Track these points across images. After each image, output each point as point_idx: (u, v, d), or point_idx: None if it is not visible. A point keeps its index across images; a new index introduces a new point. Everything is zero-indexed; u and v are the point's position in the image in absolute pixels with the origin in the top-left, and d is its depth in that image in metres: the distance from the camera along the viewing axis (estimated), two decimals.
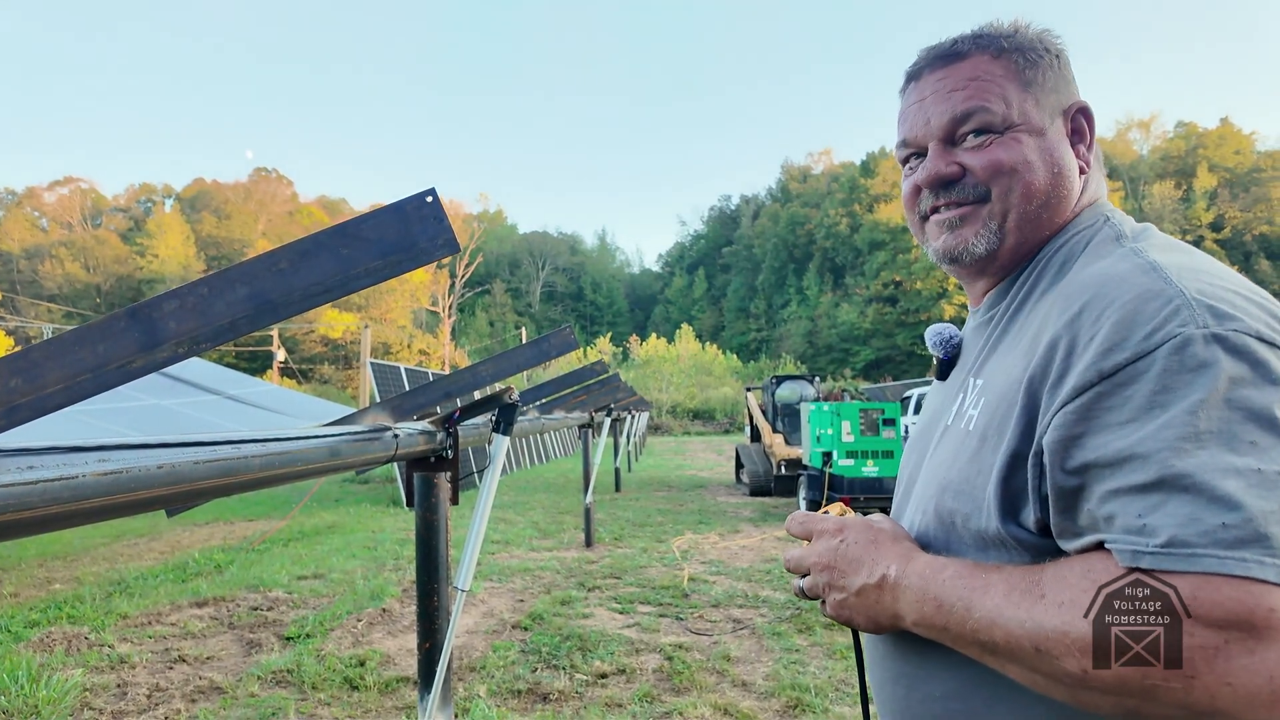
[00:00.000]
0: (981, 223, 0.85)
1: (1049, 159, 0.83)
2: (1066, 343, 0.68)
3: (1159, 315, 0.63)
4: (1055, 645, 0.60)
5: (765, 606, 5.37)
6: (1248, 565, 0.55)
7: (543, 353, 2.64)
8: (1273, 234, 56.28)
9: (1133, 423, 0.61)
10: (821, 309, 65.76)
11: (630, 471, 16.98)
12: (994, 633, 0.65)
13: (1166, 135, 66.72)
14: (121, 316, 0.80)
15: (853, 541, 0.81)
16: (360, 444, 1.75)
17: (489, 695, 3.77)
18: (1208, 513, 0.56)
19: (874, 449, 8.95)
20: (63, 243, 67.12)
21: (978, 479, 0.74)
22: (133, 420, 5.43)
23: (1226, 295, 0.65)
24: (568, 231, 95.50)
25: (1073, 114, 0.86)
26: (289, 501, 11.57)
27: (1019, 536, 0.70)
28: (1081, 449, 0.64)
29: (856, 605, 0.79)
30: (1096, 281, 0.70)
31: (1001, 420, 0.73)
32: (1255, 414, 0.59)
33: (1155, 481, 0.59)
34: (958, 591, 0.69)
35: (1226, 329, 0.61)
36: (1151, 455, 0.59)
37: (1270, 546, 0.55)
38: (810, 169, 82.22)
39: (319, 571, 6.55)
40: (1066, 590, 0.62)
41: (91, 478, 0.79)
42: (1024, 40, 0.86)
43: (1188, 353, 0.61)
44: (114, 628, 4.92)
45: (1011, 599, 0.64)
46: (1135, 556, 0.59)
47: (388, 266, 0.93)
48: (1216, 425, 0.59)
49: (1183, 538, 0.57)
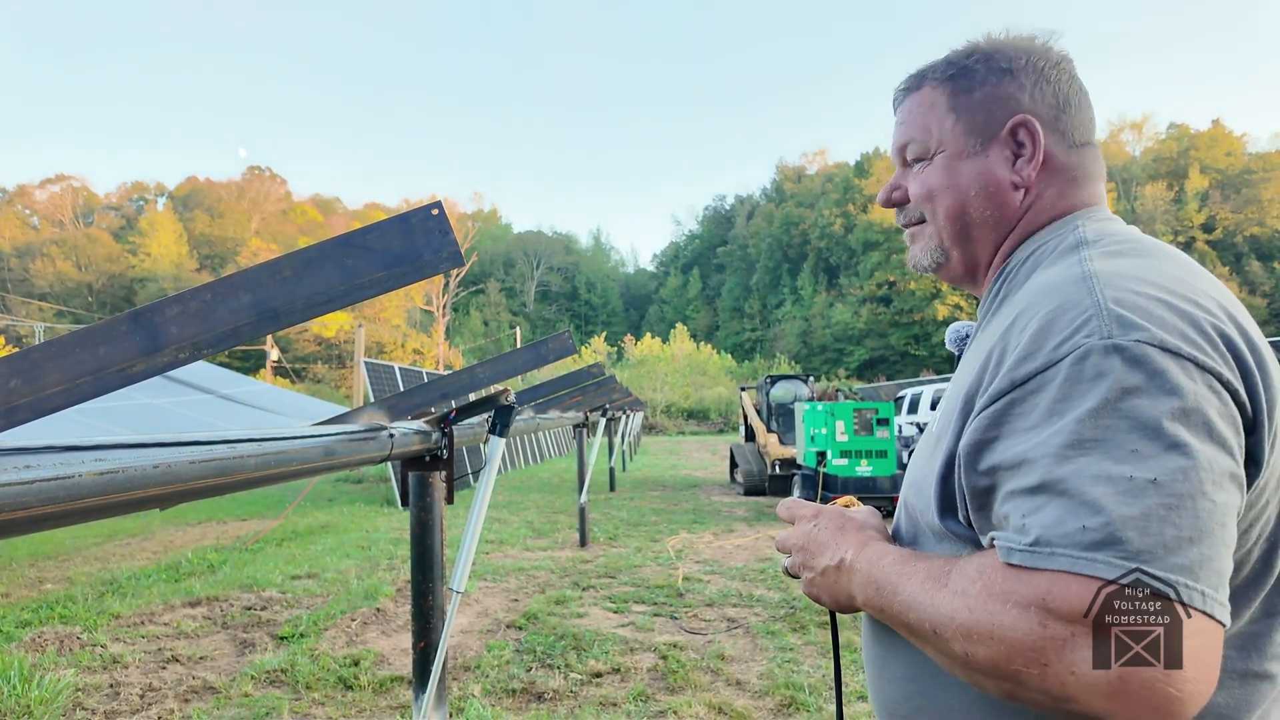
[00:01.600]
0: (925, 240, 0.93)
1: (968, 180, 0.88)
2: (999, 352, 0.72)
3: (1070, 326, 0.66)
4: (945, 628, 0.65)
5: (759, 606, 5.38)
6: (1095, 566, 0.58)
7: (540, 356, 2.64)
8: (1263, 235, 56.59)
9: (1033, 429, 0.65)
10: (816, 309, 65.88)
11: (625, 471, 16.99)
12: (909, 615, 0.70)
13: (1159, 137, 67.05)
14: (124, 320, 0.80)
15: (823, 526, 0.88)
16: (356, 443, 1.75)
17: (484, 695, 3.77)
18: (1072, 516, 0.60)
19: (868, 449, 8.97)
20: (54, 241, 66.75)
21: (929, 478, 0.79)
22: (126, 419, 5.41)
23: (1143, 304, 0.66)
24: (562, 231, 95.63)
25: (1011, 129, 0.87)
26: (282, 501, 11.53)
27: (956, 531, 0.76)
28: (991, 453, 0.68)
29: (821, 584, 0.85)
30: (1035, 292, 0.74)
31: (946, 424, 0.77)
32: (1141, 423, 0.61)
33: (1039, 485, 0.63)
34: (889, 576, 0.74)
35: (1129, 339, 0.64)
36: (1038, 460, 0.63)
37: (1124, 550, 0.58)
38: (805, 169, 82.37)
39: (313, 571, 6.54)
40: (962, 580, 0.66)
41: (88, 477, 0.79)
42: (970, 63, 0.88)
43: (1087, 363, 0.64)
44: (106, 627, 4.90)
45: (925, 586, 0.69)
46: (1009, 553, 0.63)
47: (392, 278, 0.94)
48: (1100, 433, 0.61)
49: (1047, 538, 0.61)
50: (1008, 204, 0.88)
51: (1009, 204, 0.88)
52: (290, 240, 68.62)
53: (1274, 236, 56.28)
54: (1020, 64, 0.87)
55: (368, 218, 80.00)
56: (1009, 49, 0.88)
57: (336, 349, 55.17)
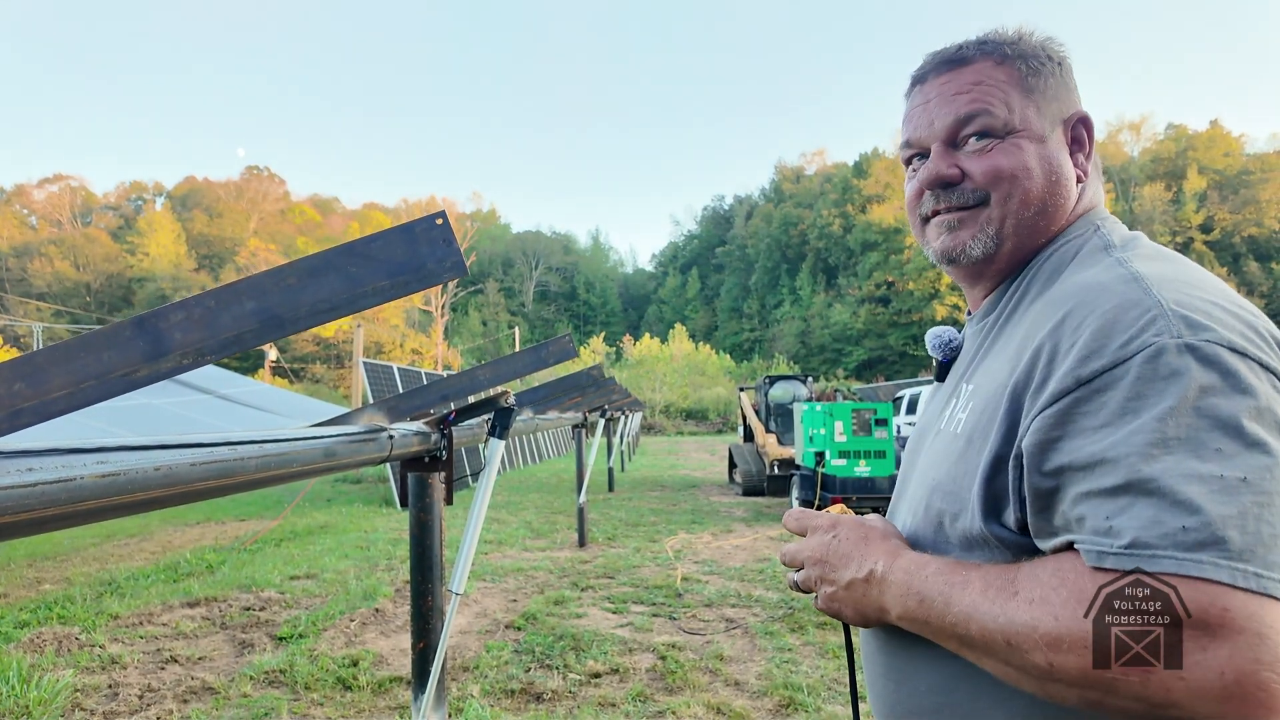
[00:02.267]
0: (979, 226, 0.86)
1: (1048, 166, 0.84)
2: (1049, 350, 0.70)
3: (1136, 324, 0.65)
4: (1024, 640, 0.63)
5: (758, 606, 5.39)
6: (1203, 567, 0.57)
7: (540, 360, 2.65)
8: (1261, 236, 56.67)
9: (1106, 428, 0.63)
10: (814, 309, 65.90)
11: (624, 471, 16.99)
12: (970, 626, 0.67)
13: (1157, 137, 67.12)
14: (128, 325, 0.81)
15: (844, 537, 0.83)
16: (356, 444, 1.75)
17: (483, 695, 3.77)
18: (1169, 516, 0.58)
19: (866, 449, 8.97)
20: (52, 240, 66.67)
21: (964, 480, 0.76)
22: (127, 419, 5.42)
23: (1203, 306, 0.66)
24: (561, 231, 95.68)
25: (1073, 123, 0.87)
26: (281, 501, 11.53)
27: (1001, 535, 0.73)
28: (1058, 452, 0.66)
29: (845, 598, 0.81)
30: (1080, 290, 0.72)
31: (987, 424, 0.75)
32: (1222, 422, 0.60)
33: (1123, 485, 0.61)
34: (938, 587, 0.71)
35: (1199, 339, 0.63)
36: (1120, 460, 0.61)
37: (1226, 549, 0.57)
38: (804, 169, 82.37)
39: (311, 571, 6.54)
40: (1038, 588, 0.64)
41: (90, 480, 0.80)
42: (1027, 48, 0.86)
43: (1161, 361, 0.63)
44: (105, 628, 4.89)
45: (987, 595, 0.67)
46: (1100, 557, 0.61)
47: (395, 287, 0.94)
48: (1184, 432, 0.60)
49: (1145, 539, 0.59)
50: (1070, 196, 0.86)
51: (1071, 196, 0.86)
52: (289, 240, 68.63)
53: (1272, 237, 56.36)
54: (1066, 62, 0.88)
55: (366, 217, 79.99)
56: (1050, 46, 0.87)
57: (335, 349, 55.12)
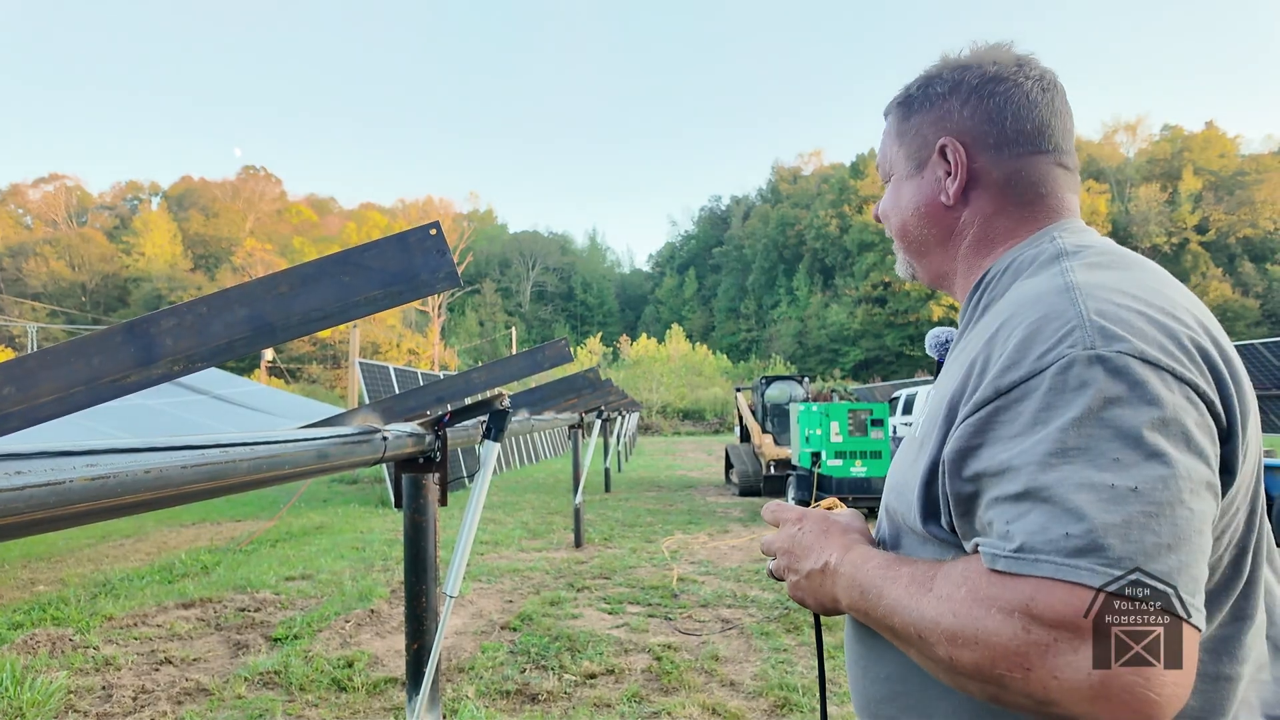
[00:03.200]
0: (899, 255, 1.00)
1: (907, 201, 0.94)
2: (982, 360, 0.73)
3: (1054, 336, 0.67)
4: (930, 633, 0.67)
5: (754, 606, 5.39)
6: (1079, 572, 0.59)
7: (537, 363, 2.65)
8: (1256, 236, 56.86)
9: (1017, 437, 0.66)
10: (811, 310, 65.94)
11: (620, 472, 16.98)
12: (894, 619, 0.71)
13: (1152, 138, 67.34)
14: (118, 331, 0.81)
15: (808, 530, 0.89)
16: (349, 446, 1.75)
17: (477, 696, 3.77)
18: (1056, 523, 0.61)
19: (862, 449, 8.99)
20: (47, 240, 66.43)
21: (912, 483, 0.80)
22: (120, 420, 5.40)
23: (1125, 316, 0.67)
24: (558, 231, 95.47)
25: (939, 150, 0.90)
26: (277, 502, 11.50)
27: (939, 536, 0.76)
28: (976, 459, 0.69)
29: (806, 587, 0.86)
30: (1017, 301, 0.75)
31: (930, 430, 0.78)
32: (1122, 432, 0.62)
33: (1023, 492, 0.64)
34: (874, 580, 0.75)
35: (1111, 350, 0.65)
36: (1022, 468, 0.64)
37: (1105, 556, 0.59)
38: (800, 170, 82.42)
39: (307, 572, 6.53)
40: (946, 585, 0.67)
41: (79, 483, 0.79)
42: (914, 90, 0.93)
43: (1071, 373, 0.65)
44: (99, 629, 4.88)
45: (910, 590, 0.71)
46: (993, 559, 0.64)
47: (388, 297, 0.94)
48: (1084, 442, 0.62)
49: (1031, 545, 0.62)
50: (944, 220, 0.92)
51: (946, 220, 0.92)
52: (285, 240, 68.45)
53: (1266, 238, 56.56)
54: (953, 85, 0.89)
55: (363, 217, 79.78)
56: (948, 72, 0.90)
57: (331, 349, 55.03)
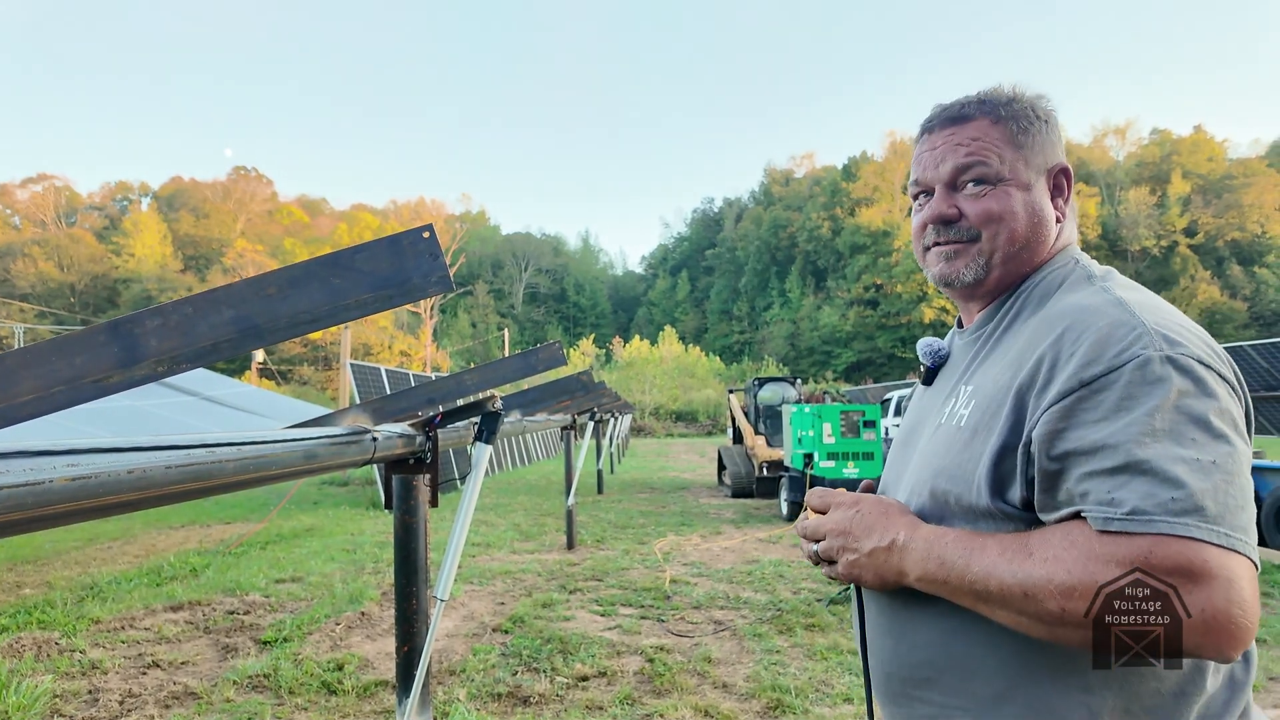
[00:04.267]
0: (971, 258, 1.03)
1: (1031, 210, 1.01)
2: (1051, 358, 0.84)
3: (1126, 339, 0.81)
4: (1040, 590, 0.77)
5: (746, 608, 5.39)
6: (1189, 528, 0.72)
7: (530, 366, 2.64)
8: (1244, 240, 57.30)
9: (1104, 421, 0.78)
10: (803, 311, 66.07)
11: (613, 473, 16.97)
12: (989, 583, 0.81)
13: (1142, 142, 67.79)
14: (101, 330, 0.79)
15: (867, 511, 0.97)
16: (338, 446, 1.73)
17: (469, 699, 3.75)
18: (1161, 489, 0.74)
19: (855, 450, 9.00)
20: (36, 241, 65.88)
21: (969, 464, 0.90)
22: (107, 421, 5.35)
23: (1176, 327, 0.82)
24: (551, 233, 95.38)
25: (1055, 173, 1.03)
26: (267, 504, 11.43)
27: (1005, 510, 0.87)
28: (1063, 440, 0.80)
29: (867, 564, 0.94)
30: (1074, 310, 0.88)
31: (991, 418, 0.89)
32: (1195, 418, 0.76)
33: (1121, 466, 0.76)
34: (958, 552, 0.85)
35: (1177, 353, 0.79)
36: (1119, 445, 0.76)
37: (1205, 515, 0.72)
38: (793, 172, 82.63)
39: (297, 575, 6.48)
40: (1050, 549, 0.78)
41: (59, 483, 0.77)
42: (1019, 108, 1.02)
43: (1148, 369, 0.78)
44: (86, 633, 4.83)
45: (1005, 556, 0.81)
46: (1106, 522, 0.75)
47: (378, 300, 0.92)
48: (1168, 425, 0.76)
49: (1142, 508, 0.74)
50: (1050, 234, 1.03)
51: (1050, 235, 1.03)
52: (276, 241, 68.13)
53: (1254, 241, 56.99)
54: (1053, 119, 1.04)
55: (354, 218, 79.52)
56: (1042, 104, 1.03)
57: (323, 351, 54.80)
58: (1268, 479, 7.47)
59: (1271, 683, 3.94)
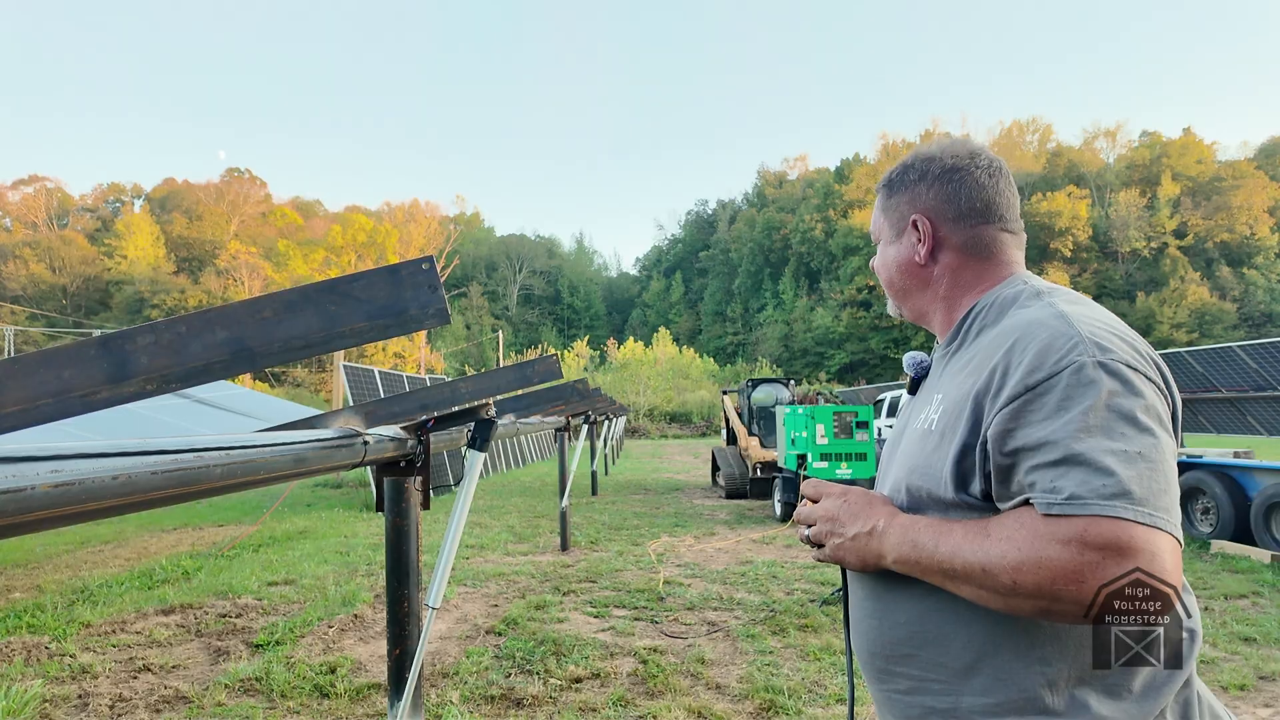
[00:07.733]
0: (889, 299, 1.28)
1: (892, 260, 1.22)
2: (1003, 367, 0.96)
3: (1064, 348, 0.92)
4: (995, 565, 0.88)
5: (740, 609, 5.39)
6: (1118, 509, 0.83)
7: (525, 378, 2.64)
8: (1233, 241, 57.63)
9: (1047, 420, 0.89)
10: (797, 313, 66.14)
11: (607, 475, 16.96)
12: (954, 562, 0.92)
13: (1132, 144, 68.09)
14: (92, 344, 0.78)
15: (854, 500, 1.10)
16: (328, 450, 1.73)
17: (461, 701, 3.74)
18: (1094, 477, 0.84)
19: (848, 451, 9.01)
20: (27, 243, 65.47)
21: (938, 463, 1.01)
22: (98, 424, 5.32)
23: (1107, 335, 0.94)
24: (545, 234, 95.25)
25: (912, 223, 1.18)
26: (260, 506, 11.38)
27: (967, 501, 0.98)
28: (1013, 438, 0.91)
29: (850, 547, 1.07)
30: (1023, 324, 0.99)
31: (954, 421, 1.00)
32: (1123, 415, 0.87)
33: (1061, 459, 0.86)
34: (928, 536, 0.97)
35: (1107, 358, 0.90)
36: (1059, 441, 0.87)
37: (1131, 498, 0.83)
38: (786, 174, 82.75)
39: (290, 577, 6.46)
40: (1004, 531, 0.89)
41: (42, 490, 0.77)
42: (895, 174, 1.22)
43: (1082, 374, 0.89)
44: (76, 637, 4.80)
45: (967, 538, 0.92)
46: (1049, 506, 0.86)
47: (374, 330, 0.92)
48: (1100, 421, 0.87)
49: (1079, 494, 0.84)
50: (920, 274, 1.19)
51: (921, 274, 1.19)
52: (270, 243, 67.77)
53: (1243, 243, 57.33)
54: (922, 174, 1.18)
55: (348, 220, 79.09)
56: (919, 162, 1.19)
57: None
58: (1256, 479, 7.50)
59: (1263, 682, 3.97)
